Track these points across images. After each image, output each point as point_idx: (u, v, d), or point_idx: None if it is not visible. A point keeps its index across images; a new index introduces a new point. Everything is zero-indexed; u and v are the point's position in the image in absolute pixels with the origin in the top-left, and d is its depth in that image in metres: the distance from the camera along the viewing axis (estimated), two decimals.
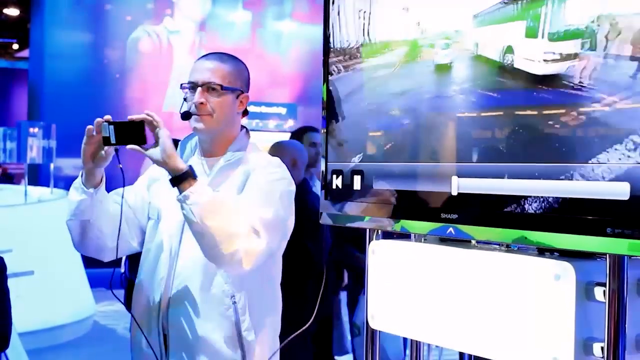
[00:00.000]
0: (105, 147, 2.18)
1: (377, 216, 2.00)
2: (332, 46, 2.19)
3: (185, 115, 2.32)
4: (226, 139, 2.39)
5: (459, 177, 1.78)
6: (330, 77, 2.19)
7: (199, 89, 2.32)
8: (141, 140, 2.16)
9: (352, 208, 2.08)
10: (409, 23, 1.97)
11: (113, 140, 2.15)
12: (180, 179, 2.16)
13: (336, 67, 2.17)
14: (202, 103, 2.31)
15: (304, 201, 4.33)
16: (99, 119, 2.16)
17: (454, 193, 1.78)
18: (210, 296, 2.29)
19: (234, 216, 2.19)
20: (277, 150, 4.48)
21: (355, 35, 2.12)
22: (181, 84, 2.39)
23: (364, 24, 2.08)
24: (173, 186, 2.17)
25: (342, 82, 2.16)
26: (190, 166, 2.21)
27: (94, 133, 2.16)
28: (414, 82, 1.97)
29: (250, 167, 2.35)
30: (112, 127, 2.14)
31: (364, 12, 2.07)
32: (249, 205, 2.23)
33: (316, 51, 14.53)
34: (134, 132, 2.15)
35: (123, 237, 2.35)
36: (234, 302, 2.30)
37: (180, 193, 2.15)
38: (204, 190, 2.19)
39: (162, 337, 2.33)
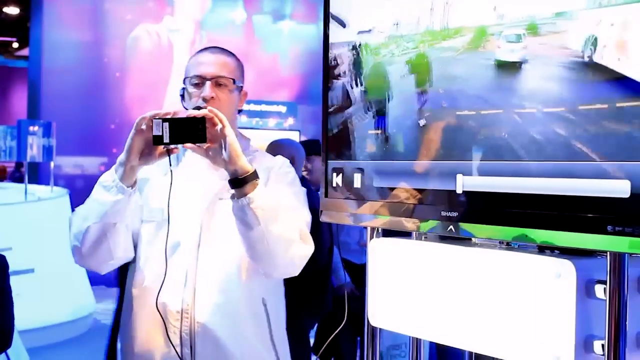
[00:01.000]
0: (153, 158, 2.00)
1: (378, 214, 2.00)
2: (430, 28, 1.80)
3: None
4: None
5: (465, 175, 1.78)
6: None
7: (208, 82, 2.20)
8: (201, 139, 1.94)
9: (352, 206, 2.08)
10: (485, 8, 1.61)
11: (166, 139, 1.92)
12: (246, 180, 1.99)
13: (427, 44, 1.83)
14: (212, 97, 2.18)
15: None
16: (148, 116, 1.95)
17: (459, 191, 1.77)
18: (244, 299, 2.20)
19: (288, 220, 2.09)
20: (274, 148, 4.47)
21: (439, 20, 1.77)
22: (185, 78, 2.25)
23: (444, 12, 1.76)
24: (233, 187, 2.00)
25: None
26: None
27: (143, 127, 1.97)
28: (465, 72, 1.66)
29: (264, 166, 2.25)
30: (166, 124, 1.92)
31: (446, 2, 1.77)
32: (289, 208, 2.15)
33: (316, 50, 14.54)
34: (192, 130, 1.93)
35: (127, 244, 2.20)
36: (265, 304, 2.25)
37: (244, 195, 1.99)
38: (266, 193, 2.04)
39: (189, 348, 2.15)
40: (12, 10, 17.64)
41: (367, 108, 2.02)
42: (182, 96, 2.27)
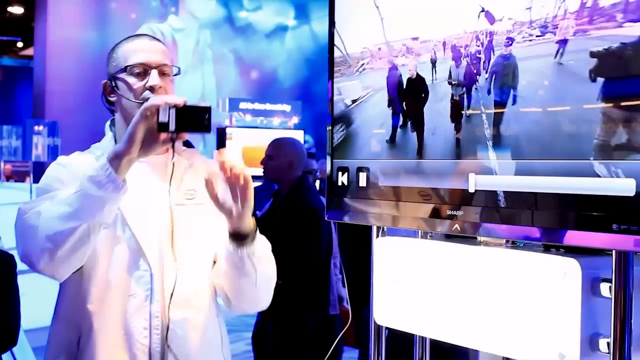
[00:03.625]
0: (157, 146, 1.86)
1: (383, 213, 2.00)
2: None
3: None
4: None
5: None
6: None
7: (154, 71, 2.02)
8: (206, 128, 1.85)
9: (357, 205, 2.08)
10: None
11: (172, 127, 1.82)
12: (248, 235, 1.96)
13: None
14: (160, 87, 2.02)
15: (302, 199, 4.34)
16: (157, 102, 1.82)
17: (472, 190, 1.76)
18: (210, 313, 2.12)
19: (272, 259, 2.09)
20: (275, 147, 4.46)
21: None
22: (126, 66, 2.04)
23: None
24: (235, 240, 1.95)
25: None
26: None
27: (148, 114, 1.82)
28: None
29: (208, 172, 2.04)
30: (173, 111, 1.82)
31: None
32: None
33: (319, 50, 14.54)
34: (199, 119, 1.84)
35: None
36: (217, 317, 2.17)
37: (245, 245, 1.95)
38: (262, 240, 2.01)
39: None
40: (16, 9, 17.68)
41: None
42: (111, 89, 2.09)
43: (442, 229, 1.84)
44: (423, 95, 1.89)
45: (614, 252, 1.49)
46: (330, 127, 2.19)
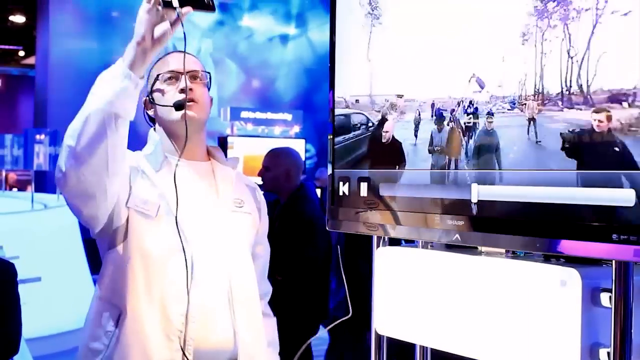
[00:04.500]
0: (166, 26, 1.86)
1: (384, 223, 2.00)
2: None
3: (180, 106, 2.06)
4: (204, 138, 2.22)
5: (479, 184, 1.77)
6: None
7: (183, 76, 2.10)
8: (210, 7, 1.88)
9: (358, 214, 2.09)
10: None
11: (175, 3, 1.84)
12: None
13: None
14: (191, 89, 2.10)
15: (300, 208, 4.34)
16: None
17: (474, 200, 1.76)
18: (259, 313, 2.25)
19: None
20: (272, 158, 4.46)
21: None
22: (158, 74, 2.16)
23: None
24: None
25: None
26: None
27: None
28: None
29: (246, 184, 2.33)
30: None
31: None
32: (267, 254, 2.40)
33: (319, 59, 14.55)
34: None
35: (123, 167, 1.99)
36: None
37: None
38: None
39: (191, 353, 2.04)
40: (18, 18, 17.69)
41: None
42: (148, 100, 2.20)
43: (443, 239, 1.84)
44: (397, 167, 1.94)
45: (613, 262, 1.50)
46: (331, 136, 2.19)
